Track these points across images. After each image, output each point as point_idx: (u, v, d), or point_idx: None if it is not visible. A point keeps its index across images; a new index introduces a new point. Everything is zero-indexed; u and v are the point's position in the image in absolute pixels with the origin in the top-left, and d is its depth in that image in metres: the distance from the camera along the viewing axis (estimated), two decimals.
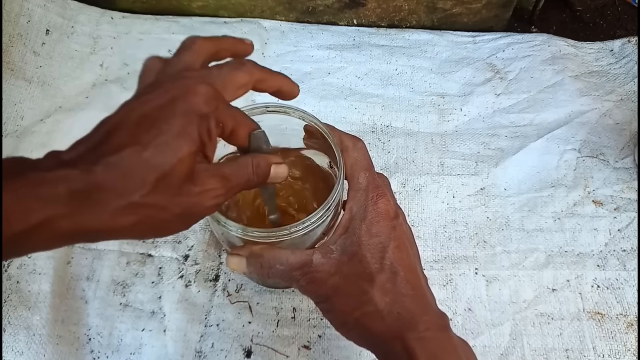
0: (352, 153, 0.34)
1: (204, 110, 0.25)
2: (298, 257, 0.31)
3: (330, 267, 0.31)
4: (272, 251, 0.32)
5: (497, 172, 0.53)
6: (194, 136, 0.25)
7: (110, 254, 0.47)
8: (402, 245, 0.32)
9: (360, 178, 0.33)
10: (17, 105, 0.55)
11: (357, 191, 0.33)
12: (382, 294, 0.30)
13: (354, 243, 0.31)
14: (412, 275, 0.31)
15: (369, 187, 0.33)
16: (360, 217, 0.32)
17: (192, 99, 0.25)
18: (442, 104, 0.58)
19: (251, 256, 0.33)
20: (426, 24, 0.64)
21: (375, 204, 0.32)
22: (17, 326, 0.43)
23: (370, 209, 0.32)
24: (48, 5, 0.59)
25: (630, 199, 0.52)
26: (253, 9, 0.63)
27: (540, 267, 0.48)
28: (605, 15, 0.67)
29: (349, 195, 0.33)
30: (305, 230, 0.34)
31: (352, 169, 0.34)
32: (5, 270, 0.46)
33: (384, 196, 0.32)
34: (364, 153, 0.34)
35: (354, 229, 0.31)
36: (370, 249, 0.31)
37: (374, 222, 0.31)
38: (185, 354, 0.43)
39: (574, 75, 0.60)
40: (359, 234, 0.31)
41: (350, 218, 0.32)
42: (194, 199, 0.26)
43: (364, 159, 0.34)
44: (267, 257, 0.32)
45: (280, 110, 0.38)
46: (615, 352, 0.44)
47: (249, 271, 0.33)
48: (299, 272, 0.31)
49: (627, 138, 0.56)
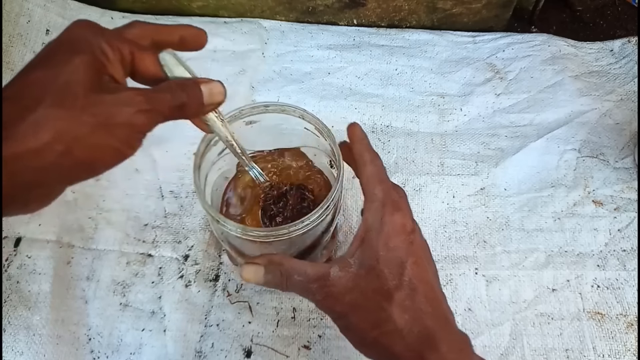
0: (369, 166, 0.34)
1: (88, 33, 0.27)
2: (316, 269, 0.31)
3: (348, 281, 0.30)
4: (290, 261, 0.32)
5: (497, 172, 0.53)
6: (82, 49, 0.26)
7: (110, 254, 0.47)
8: (420, 260, 0.31)
9: (376, 190, 0.32)
10: None
11: (373, 202, 0.32)
12: (401, 312, 0.29)
13: (371, 257, 0.30)
14: (431, 292, 0.30)
15: (385, 199, 0.32)
16: (377, 229, 0.31)
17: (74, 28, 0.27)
18: (442, 104, 0.58)
19: (270, 264, 0.32)
20: (426, 24, 0.64)
21: (392, 217, 0.31)
22: (17, 326, 0.43)
23: (387, 221, 0.31)
24: (48, 5, 0.59)
25: (630, 199, 0.52)
26: (253, 9, 0.63)
27: (540, 267, 0.48)
28: (605, 15, 0.67)
29: (365, 206, 0.33)
30: (305, 229, 0.34)
31: (368, 181, 0.33)
32: (5, 270, 0.46)
33: (400, 209, 0.32)
34: (380, 167, 0.34)
35: (370, 242, 0.31)
36: (388, 263, 0.30)
37: (391, 235, 0.31)
38: (185, 354, 0.43)
39: (574, 75, 0.60)
40: (376, 247, 0.30)
41: (366, 229, 0.31)
42: (108, 108, 0.26)
43: (381, 172, 0.34)
44: (286, 266, 0.31)
45: (280, 110, 0.38)
46: (615, 352, 0.44)
47: (265, 280, 0.32)
48: (316, 285, 0.30)
49: (627, 138, 0.56)
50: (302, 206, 0.40)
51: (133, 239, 0.48)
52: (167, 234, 0.49)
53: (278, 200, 0.40)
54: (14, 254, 0.47)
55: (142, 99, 0.27)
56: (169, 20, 0.62)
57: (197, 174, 0.36)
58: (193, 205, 0.50)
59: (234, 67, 0.60)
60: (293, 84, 0.58)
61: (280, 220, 0.40)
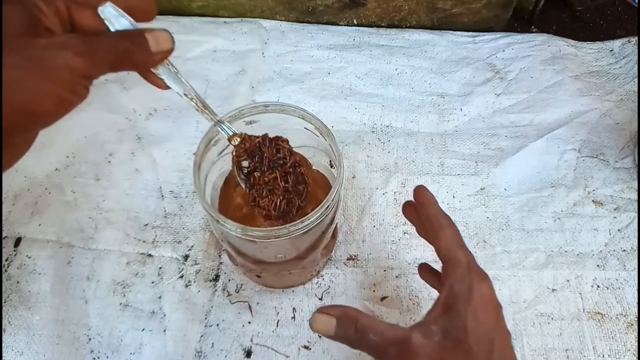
0: (447, 230, 0.32)
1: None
2: (395, 331, 0.29)
3: (432, 351, 0.28)
4: (367, 317, 0.30)
5: (497, 172, 0.53)
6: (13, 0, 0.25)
7: (110, 254, 0.47)
8: (507, 339, 0.29)
9: (459, 255, 0.31)
10: None
11: (458, 267, 0.30)
12: None
13: (459, 328, 0.28)
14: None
15: (471, 266, 0.30)
16: (465, 298, 0.29)
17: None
18: (442, 104, 0.58)
19: (344, 318, 0.30)
20: (426, 24, 0.64)
21: (480, 286, 0.29)
22: (17, 326, 0.43)
23: (476, 291, 0.29)
24: None
25: (630, 199, 0.52)
26: (253, 9, 0.63)
27: (540, 267, 0.48)
28: (605, 15, 0.67)
29: (447, 271, 0.31)
30: (304, 229, 0.34)
31: (448, 245, 0.32)
32: (5, 270, 0.46)
33: (487, 279, 0.30)
34: (458, 231, 0.33)
35: (458, 311, 0.28)
36: (478, 339, 0.28)
37: (480, 307, 0.29)
38: (185, 354, 0.43)
39: (574, 75, 0.60)
40: (464, 318, 0.28)
41: (451, 296, 0.29)
42: (43, 51, 0.25)
43: (459, 237, 0.33)
44: (362, 322, 0.29)
45: (280, 110, 0.38)
46: (615, 352, 0.44)
47: (336, 334, 0.30)
48: (394, 349, 0.28)
49: (627, 138, 0.56)
50: (278, 157, 0.37)
51: (133, 239, 0.48)
52: (167, 234, 0.49)
53: (252, 155, 0.37)
54: (14, 254, 0.47)
55: (79, 41, 0.26)
56: (169, 20, 0.62)
57: (197, 174, 0.36)
58: (193, 205, 0.50)
59: (234, 67, 0.60)
60: (293, 84, 0.58)
61: (259, 175, 0.36)
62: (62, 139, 0.53)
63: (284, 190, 0.37)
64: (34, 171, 0.51)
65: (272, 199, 0.36)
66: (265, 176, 0.36)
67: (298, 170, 0.37)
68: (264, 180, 0.36)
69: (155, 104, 0.56)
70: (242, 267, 0.45)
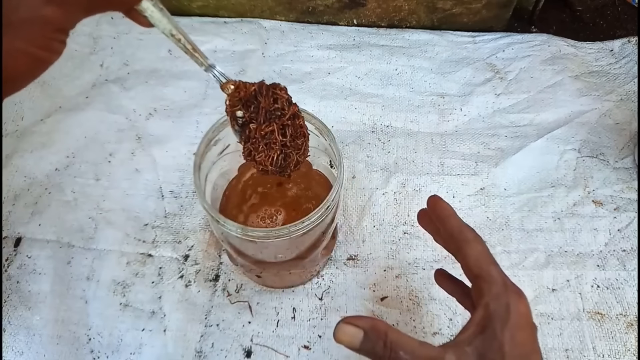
0: (475, 244, 0.31)
1: None
2: (427, 350, 0.27)
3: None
4: (397, 333, 0.28)
5: (497, 172, 0.53)
6: None
7: (110, 254, 0.47)
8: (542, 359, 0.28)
9: (492, 272, 0.29)
10: (17, 105, 0.55)
11: (493, 285, 0.29)
12: None
13: (495, 350, 0.27)
14: None
15: (507, 284, 0.29)
16: (502, 318, 0.27)
17: None
18: (442, 104, 0.58)
19: (373, 331, 0.28)
20: (426, 24, 0.64)
21: (518, 306, 0.28)
22: (17, 326, 0.43)
23: (514, 310, 0.28)
24: None
25: (630, 199, 0.52)
26: (253, 9, 0.63)
27: (540, 267, 0.48)
28: (605, 15, 0.67)
29: (480, 289, 0.29)
30: (305, 229, 0.34)
31: (479, 260, 0.30)
32: (5, 270, 0.46)
33: (523, 297, 0.29)
34: (485, 243, 0.32)
35: (494, 332, 0.27)
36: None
37: (519, 328, 0.27)
38: (185, 354, 0.43)
39: (574, 75, 0.60)
40: (501, 340, 0.27)
41: (487, 317, 0.28)
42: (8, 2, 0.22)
43: (488, 251, 0.31)
44: (392, 338, 0.27)
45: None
46: (615, 352, 0.44)
47: (361, 347, 0.28)
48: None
49: (627, 138, 0.56)
50: (276, 107, 0.33)
51: (133, 239, 0.48)
52: (167, 234, 0.49)
53: (248, 105, 0.34)
54: (14, 254, 0.47)
55: None
56: None
57: (197, 174, 0.36)
58: (193, 205, 0.50)
59: (234, 67, 0.60)
60: (293, 84, 0.58)
61: (254, 127, 0.33)
62: (62, 139, 0.53)
63: (281, 144, 0.33)
64: (34, 171, 0.51)
65: (269, 153, 0.33)
66: (261, 129, 0.33)
67: (297, 122, 0.34)
68: (260, 133, 0.33)
69: (155, 104, 0.56)
70: (242, 267, 0.45)
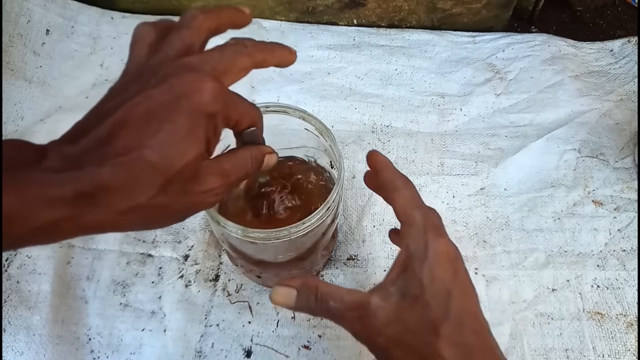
0: (403, 191, 0.32)
1: (211, 109, 0.25)
2: (354, 296, 0.29)
3: (390, 312, 0.28)
4: (326, 285, 0.30)
5: (497, 172, 0.53)
6: (200, 137, 0.25)
7: (110, 254, 0.47)
8: (466, 290, 0.29)
9: (415, 215, 0.31)
10: (17, 105, 0.55)
11: (413, 227, 0.30)
12: (450, 347, 0.27)
13: (415, 286, 0.28)
14: (478, 324, 0.29)
15: (426, 224, 0.30)
16: (420, 256, 0.29)
17: (199, 97, 0.24)
18: (442, 104, 0.58)
19: (304, 288, 0.30)
20: (426, 24, 0.64)
21: (436, 243, 0.29)
22: (17, 326, 0.43)
23: (431, 248, 0.29)
24: (48, 5, 0.59)
25: (630, 199, 0.52)
26: (253, 9, 0.62)
27: (540, 267, 0.48)
28: (605, 15, 0.67)
29: (402, 232, 0.31)
30: (305, 230, 0.34)
31: (405, 206, 0.32)
32: (5, 270, 0.46)
33: (444, 235, 0.30)
34: (415, 191, 0.33)
35: (414, 270, 0.29)
36: (434, 294, 0.28)
37: (436, 263, 0.29)
38: (185, 354, 0.43)
39: (574, 75, 0.60)
40: (420, 276, 0.28)
41: (407, 257, 0.29)
42: (197, 198, 0.26)
43: (416, 197, 0.32)
44: (322, 290, 0.29)
45: (280, 110, 0.38)
46: (615, 352, 0.44)
47: (297, 305, 0.30)
48: (354, 314, 0.29)
49: (627, 138, 0.56)
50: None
51: (133, 238, 0.48)
52: (167, 234, 0.49)
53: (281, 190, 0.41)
54: (14, 254, 0.47)
55: (223, 189, 0.27)
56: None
57: None
58: None
59: None
60: (293, 84, 0.58)
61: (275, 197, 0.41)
62: None
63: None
64: None
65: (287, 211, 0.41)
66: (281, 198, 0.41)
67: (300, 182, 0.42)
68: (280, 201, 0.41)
69: None
70: (242, 267, 0.45)
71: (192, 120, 0.24)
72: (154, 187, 0.23)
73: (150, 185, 0.23)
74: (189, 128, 0.24)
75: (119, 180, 0.22)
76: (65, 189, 0.21)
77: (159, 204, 0.24)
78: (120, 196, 0.23)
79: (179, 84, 0.24)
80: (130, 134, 0.23)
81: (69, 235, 0.23)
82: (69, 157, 0.23)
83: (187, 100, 0.24)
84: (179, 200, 0.25)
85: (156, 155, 0.23)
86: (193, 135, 0.24)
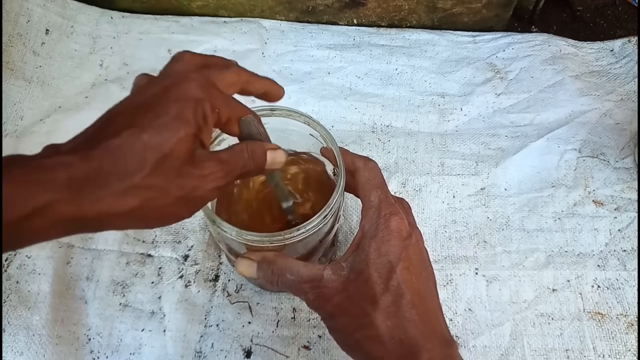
0: (363, 172, 0.34)
1: (198, 94, 0.26)
2: (309, 270, 0.31)
3: (338, 284, 0.30)
4: (284, 259, 0.32)
5: (497, 172, 0.53)
6: (190, 119, 0.26)
7: (110, 254, 0.47)
8: (412, 266, 0.30)
9: (372, 196, 0.32)
10: (16, 105, 0.55)
11: (369, 209, 0.32)
12: (384, 318, 0.29)
13: (362, 261, 0.30)
14: (419, 299, 0.30)
15: (381, 205, 0.32)
16: (371, 234, 0.31)
17: (185, 85, 0.26)
18: (442, 104, 0.58)
19: (263, 262, 0.32)
20: (426, 23, 0.64)
21: (387, 222, 0.31)
22: (17, 326, 0.43)
23: (382, 227, 0.31)
24: (48, 5, 0.59)
25: (631, 199, 0.52)
26: (253, 8, 0.63)
27: (540, 267, 0.48)
28: (605, 15, 0.67)
29: (362, 214, 0.33)
30: (300, 237, 0.33)
31: (364, 188, 0.33)
32: (5, 270, 0.46)
33: (396, 214, 0.31)
34: (376, 172, 0.34)
35: (364, 247, 0.31)
36: (378, 268, 0.30)
37: (384, 240, 0.30)
38: (185, 354, 0.43)
39: (574, 75, 0.60)
40: (368, 251, 0.30)
41: (362, 236, 0.31)
42: (194, 182, 0.26)
43: (376, 178, 0.34)
44: (279, 264, 0.32)
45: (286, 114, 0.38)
46: (615, 352, 0.44)
47: (257, 277, 0.32)
48: (308, 285, 0.31)
49: (627, 138, 0.55)
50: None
51: (133, 239, 0.48)
52: (167, 234, 0.49)
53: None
54: (14, 254, 0.47)
55: (222, 174, 0.27)
56: (169, 20, 0.62)
57: None
58: None
59: None
60: (293, 84, 0.58)
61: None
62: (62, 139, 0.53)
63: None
64: None
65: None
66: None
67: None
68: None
69: None
70: None
71: (179, 103, 0.26)
72: (147, 165, 0.24)
73: (142, 162, 0.24)
74: (178, 109, 0.25)
75: (112, 159, 0.23)
76: (57, 171, 0.22)
77: (155, 185, 0.24)
78: (114, 176, 0.23)
79: (167, 79, 0.27)
80: (121, 119, 0.25)
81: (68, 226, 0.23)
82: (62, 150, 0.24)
83: (175, 88, 0.26)
84: (175, 182, 0.25)
85: (147, 134, 0.24)
86: (182, 116, 0.25)
